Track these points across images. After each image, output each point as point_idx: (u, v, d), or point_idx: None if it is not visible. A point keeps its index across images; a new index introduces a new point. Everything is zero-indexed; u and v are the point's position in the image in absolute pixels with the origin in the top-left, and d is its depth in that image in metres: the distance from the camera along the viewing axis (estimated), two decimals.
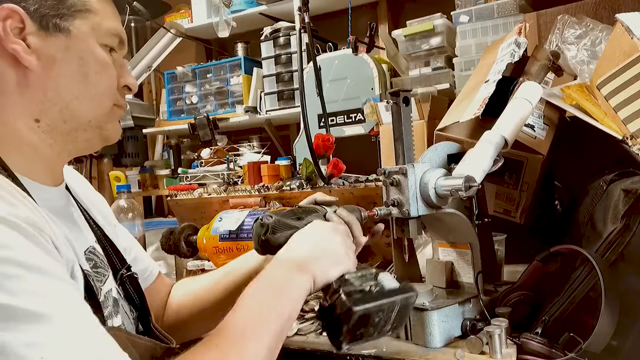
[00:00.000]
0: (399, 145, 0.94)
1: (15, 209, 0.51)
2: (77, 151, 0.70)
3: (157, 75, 2.75)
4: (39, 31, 0.62)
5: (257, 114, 2.26)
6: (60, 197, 0.70)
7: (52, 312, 0.47)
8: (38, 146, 0.64)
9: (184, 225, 1.43)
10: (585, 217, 1.01)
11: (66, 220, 0.68)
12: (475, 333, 0.87)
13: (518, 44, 1.23)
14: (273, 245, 0.74)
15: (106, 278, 0.70)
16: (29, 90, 0.63)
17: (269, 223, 0.75)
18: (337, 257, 0.71)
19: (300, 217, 0.78)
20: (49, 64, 0.63)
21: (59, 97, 0.64)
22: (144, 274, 0.90)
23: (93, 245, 0.71)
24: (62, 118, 0.65)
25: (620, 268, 0.84)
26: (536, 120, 1.21)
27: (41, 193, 0.63)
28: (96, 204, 0.83)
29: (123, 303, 0.74)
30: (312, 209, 0.81)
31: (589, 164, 1.19)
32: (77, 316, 0.49)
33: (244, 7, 2.33)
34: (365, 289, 0.67)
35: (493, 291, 1.01)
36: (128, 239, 0.90)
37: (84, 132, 0.67)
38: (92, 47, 0.66)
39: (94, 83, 0.66)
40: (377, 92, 1.79)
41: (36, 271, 0.48)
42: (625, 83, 1.00)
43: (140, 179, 2.52)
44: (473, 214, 0.98)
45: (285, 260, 0.70)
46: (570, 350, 0.77)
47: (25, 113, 0.63)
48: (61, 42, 0.63)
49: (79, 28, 0.64)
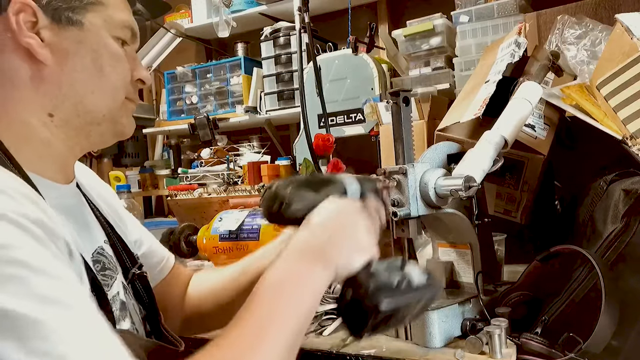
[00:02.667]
0: (399, 145, 0.94)
1: (24, 208, 0.49)
2: (90, 146, 0.69)
3: (157, 75, 2.75)
4: (51, 25, 0.61)
5: (257, 114, 2.27)
6: (72, 195, 0.69)
7: (59, 318, 0.44)
8: (51, 141, 0.63)
9: (184, 225, 1.44)
10: (586, 217, 1.01)
11: (76, 220, 0.67)
12: (475, 333, 0.87)
13: (518, 44, 1.23)
14: (287, 219, 0.66)
15: (113, 281, 0.68)
16: (43, 85, 0.62)
17: (285, 194, 0.66)
18: (362, 244, 0.64)
19: (317, 189, 0.68)
20: (62, 57, 0.62)
21: (74, 91, 0.63)
22: (159, 265, 0.87)
23: (102, 246, 0.70)
24: (76, 112, 0.64)
25: (620, 268, 0.84)
26: (537, 120, 1.21)
27: (51, 191, 0.62)
28: (107, 198, 0.82)
29: (132, 303, 0.72)
30: (329, 180, 0.72)
31: (589, 164, 1.19)
32: (86, 322, 0.47)
33: (244, 7, 2.33)
34: (393, 283, 0.61)
35: (493, 291, 1.01)
36: (140, 231, 0.88)
37: (97, 126, 0.66)
38: (105, 40, 0.65)
39: (108, 76, 0.66)
40: (377, 92, 1.79)
41: (41, 273, 0.46)
42: (625, 83, 1.00)
43: (140, 179, 2.52)
44: (473, 214, 0.98)
45: (305, 250, 0.62)
46: (570, 350, 0.77)
47: (39, 108, 0.62)
48: (74, 35, 0.63)
49: (92, 21, 0.64)
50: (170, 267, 0.90)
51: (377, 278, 0.61)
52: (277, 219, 0.68)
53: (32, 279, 0.45)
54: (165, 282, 0.88)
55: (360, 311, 0.60)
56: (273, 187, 0.68)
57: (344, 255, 0.62)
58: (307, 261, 0.61)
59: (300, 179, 0.70)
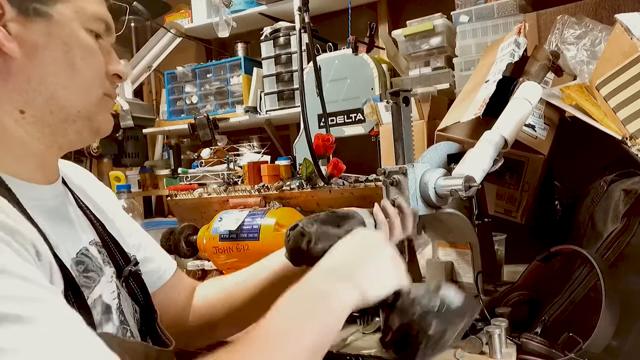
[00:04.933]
0: (399, 145, 0.94)
1: None
2: (69, 145, 0.66)
3: (157, 75, 2.75)
4: (18, 17, 0.59)
5: (257, 114, 2.26)
6: (54, 196, 0.67)
7: (26, 315, 0.44)
8: (25, 140, 0.61)
9: (184, 225, 1.43)
10: (586, 217, 1.01)
11: (59, 220, 0.65)
12: (475, 333, 0.87)
13: (518, 44, 1.23)
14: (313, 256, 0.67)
15: (96, 283, 0.66)
16: (11, 79, 0.59)
17: (311, 232, 0.67)
18: (389, 269, 0.64)
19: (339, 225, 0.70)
20: (31, 50, 0.60)
21: (44, 85, 0.61)
22: (160, 270, 0.86)
23: (87, 247, 0.68)
24: (49, 109, 0.62)
25: (620, 268, 0.84)
26: (537, 120, 1.21)
27: (30, 192, 0.61)
28: (102, 199, 0.80)
29: (126, 303, 0.71)
30: (350, 215, 0.74)
31: (589, 164, 1.19)
32: (54, 317, 0.46)
33: (244, 7, 2.33)
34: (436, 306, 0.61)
35: (493, 291, 1.01)
36: (140, 235, 0.86)
37: (73, 123, 0.64)
38: (76, 32, 0.62)
39: (81, 70, 0.63)
40: (377, 92, 1.79)
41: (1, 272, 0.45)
42: (625, 83, 1.00)
43: (140, 179, 2.52)
44: (473, 214, 0.98)
45: (327, 269, 0.62)
46: (570, 350, 0.77)
47: (10, 104, 0.60)
48: (43, 27, 0.60)
49: (61, 12, 0.61)
50: (172, 272, 0.88)
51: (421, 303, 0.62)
52: (304, 257, 0.68)
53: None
54: (167, 287, 0.86)
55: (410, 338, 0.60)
56: (299, 226, 0.69)
57: (370, 278, 0.61)
58: (327, 279, 0.60)
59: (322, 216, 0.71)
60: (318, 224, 0.68)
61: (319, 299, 0.58)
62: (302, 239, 0.67)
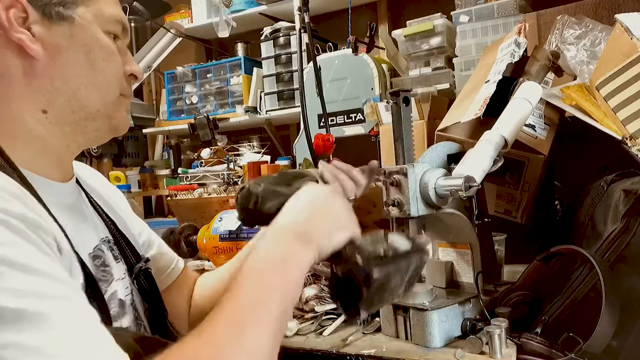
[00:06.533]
0: (399, 145, 0.94)
1: (6, 204, 0.48)
2: (87, 143, 0.69)
3: (157, 75, 2.75)
4: (42, 20, 0.61)
5: (257, 114, 2.27)
6: (70, 193, 0.69)
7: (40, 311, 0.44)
8: (46, 139, 0.64)
9: (184, 225, 1.44)
10: (586, 218, 1.01)
11: (75, 217, 0.67)
12: (475, 333, 0.87)
13: (518, 44, 1.23)
14: (263, 215, 0.66)
15: (112, 279, 0.68)
16: (35, 81, 0.62)
17: (258, 192, 0.67)
18: (341, 221, 0.64)
19: (289, 184, 0.69)
20: (54, 52, 0.62)
21: (67, 86, 0.63)
22: (168, 268, 0.88)
23: (101, 244, 0.70)
24: (70, 108, 0.64)
25: (620, 268, 0.84)
26: (537, 120, 1.21)
27: (48, 189, 0.62)
28: (113, 198, 0.82)
29: (138, 299, 0.73)
30: (302, 174, 0.74)
31: (589, 164, 1.19)
32: (70, 315, 0.46)
33: (244, 7, 2.33)
34: (380, 253, 0.61)
35: (493, 291, 1.01)
36: (149, 233, 0.88)
37: (92, 121, 0.66)
38: (96, 35, 0.65)
39: (101, 71, 0.65)
40: (377, 92, 1.79)
41: (21, 269, 0.45)
42: (625, 84, 1.00)
43: (140, 179, 2.52)
44: (473, 214, 0.98)
45: (283, 231, 0.61)
46: (570, 350, 0.77)
47: (33, 104, 0.62)
48: (65, 30, 0.62)
49: (82, 15, 0.64)
50: (180, 270, 0.90)
51: (364, 250, 0.61)
52: (253, 218, 0.69)
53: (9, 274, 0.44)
54: (175, 285, 0.88)
55: (353, 285, 0.60)
56: (246, 186, 0.69)
57: (324, 233, 0.62)
58: (286, 242, 0.60)
59: (271, 176, 0.71)
60: (266, 182, 0.68)
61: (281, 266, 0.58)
62: (249, 198, 0.67)
